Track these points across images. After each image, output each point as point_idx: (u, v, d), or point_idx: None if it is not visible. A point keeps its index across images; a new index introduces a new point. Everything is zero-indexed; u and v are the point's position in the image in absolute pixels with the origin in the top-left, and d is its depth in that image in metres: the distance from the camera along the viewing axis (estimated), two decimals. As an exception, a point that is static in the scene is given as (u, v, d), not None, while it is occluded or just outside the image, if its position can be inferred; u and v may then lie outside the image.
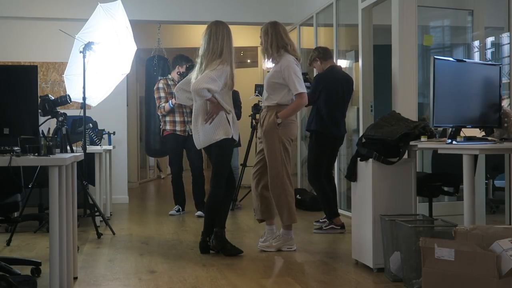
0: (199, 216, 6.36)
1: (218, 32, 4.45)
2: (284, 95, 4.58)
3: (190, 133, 6.43)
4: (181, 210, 6.75)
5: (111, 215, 6.65)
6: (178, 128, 6.51)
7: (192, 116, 4.57)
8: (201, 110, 4.46)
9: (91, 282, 3.70)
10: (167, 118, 6.54)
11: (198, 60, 4.49)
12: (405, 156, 3.97)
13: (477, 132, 3.90)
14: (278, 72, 4.59)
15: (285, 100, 4.59)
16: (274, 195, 4.61)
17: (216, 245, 4.48)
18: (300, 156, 8.25)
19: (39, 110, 4.57)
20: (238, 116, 6.46)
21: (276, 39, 4.61)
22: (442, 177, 4.65)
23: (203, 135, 4.49)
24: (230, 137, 4.46)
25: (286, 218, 4.59)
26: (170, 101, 6.43)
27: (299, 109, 4.91)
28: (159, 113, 6.62)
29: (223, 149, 4.49)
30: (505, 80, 5.35)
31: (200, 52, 4.49)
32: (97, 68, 5.67)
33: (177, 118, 6.51)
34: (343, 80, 5.60)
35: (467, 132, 3.66)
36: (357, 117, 6.60)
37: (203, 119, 4.45)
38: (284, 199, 4.58)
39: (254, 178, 4.76)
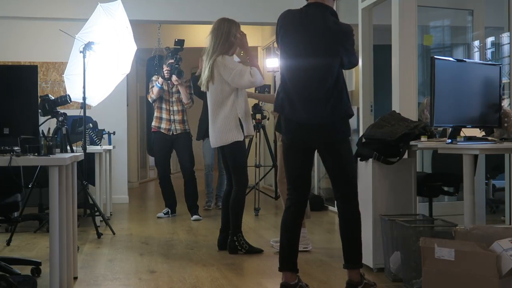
0: (195, 220, 6.32)
1: (223, 29, 4.48)
2: None
3: (175, 133, 6.45)
4: (170, 213, 6.61)
5: (111, 215, 6.65)
6: (163, 126, 6.45)
7: (209, 114, 4.59)
8: (218, 108, 4.48)
9: (91, 282, 3.70)
10: (155, 113, 6.52)
11: (205, 58, 4.52)
12: (405, 156, 3.96)
13: (477, 132, 3.90)
14: None
15: None
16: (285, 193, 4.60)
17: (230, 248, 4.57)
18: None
19: (39, 110, 4.57)
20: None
21: None
22: (442, 177, 4.65)
23: (215, 135, 4.53)
24: (242, 139, 4.50)
25: None
26: (157, 81, 6.36)
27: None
28: (149, 99, 6.55)
29: (236, 150, 4.51)
30: (505, 80, 5.35)
31: (207, 50, 4.53)
32: (97, 68, 5.67)
33: (164, 115, 6.45)
34: None
35: (467, 132, 3.66)
36: (357, 117, 6.60)
37: (219, 119, 4.47)
38: None
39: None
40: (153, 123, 6.53)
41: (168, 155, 6.65)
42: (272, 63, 8.43)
